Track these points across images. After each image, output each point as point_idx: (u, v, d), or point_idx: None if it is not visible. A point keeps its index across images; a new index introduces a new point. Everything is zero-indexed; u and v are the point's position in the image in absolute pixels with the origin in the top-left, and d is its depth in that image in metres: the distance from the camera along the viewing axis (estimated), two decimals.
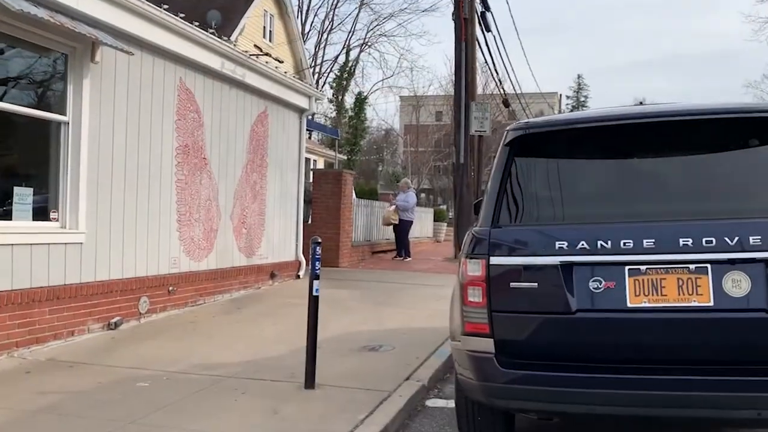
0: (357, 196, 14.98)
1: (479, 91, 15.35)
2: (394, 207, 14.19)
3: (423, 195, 42.82)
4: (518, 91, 21.70)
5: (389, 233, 16.11)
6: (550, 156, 3.35)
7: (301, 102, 10.24)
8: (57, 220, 5.81)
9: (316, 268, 4.46)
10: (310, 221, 12.65)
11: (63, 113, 5.84)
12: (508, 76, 36.95)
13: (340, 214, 12.09)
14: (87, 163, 5.98)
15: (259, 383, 4.64)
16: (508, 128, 3.47)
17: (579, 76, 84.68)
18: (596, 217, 3.14)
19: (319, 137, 35.39)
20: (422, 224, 19.84)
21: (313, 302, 4.50)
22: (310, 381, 4.48)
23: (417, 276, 11.37)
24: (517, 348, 3.01)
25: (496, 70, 16.63)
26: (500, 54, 41.82)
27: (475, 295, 3.02)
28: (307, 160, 22.98)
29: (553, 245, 2.96)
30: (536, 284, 2.96)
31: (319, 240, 4.55)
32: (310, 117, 12.02)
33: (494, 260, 2.99)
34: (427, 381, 4.80)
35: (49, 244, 5.59)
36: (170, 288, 7.20)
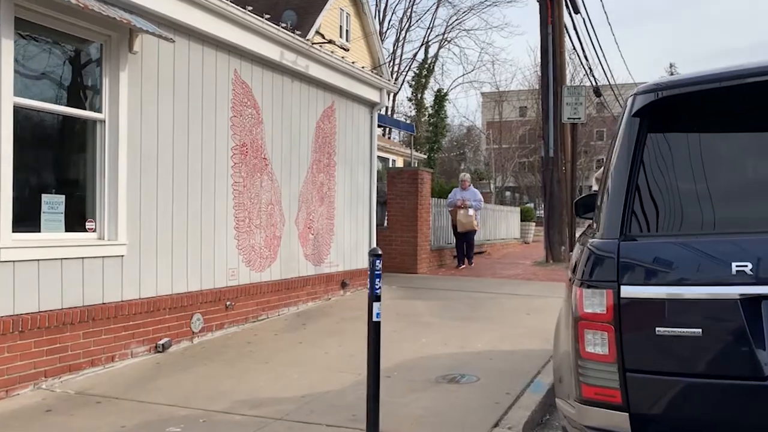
0: (438, 196, 14.00)
1: (567, 81, 14.02)
2: (471, 210, 12.31)
3: (508, 193, 41.28)
4: (610, 81, 20.08)
5: (475, 235, 15.03)
6: (703, 129, 2.28)
7: (371, 95, 9.38)
8: (94, 231, 5.18)
9: (376, 286, 3.55)
10: (385, 224, 11.81)
11: (98, 110, 5.21)
12: (600, 63, 34.78)
13: (417, 216, 11.17)
14: (127, 165, 5.32)
15: (312, 429, 3.76)
16: (633, 92, 2.41)
17: (671, 65, 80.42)
18: None
19: (400, 137, 34.67)
20: (508, 224, 18.61)
21: (374, 330, 3.57)
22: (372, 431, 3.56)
23: (504, 284, 10.26)
24: (668, 430, 1.99)
25: (585, 56, 15.24)
26: (590, 38, 39.59)
27: (597, 344, 2.02)
28: (385, 159, 22.24)
29: (727, 268, 1.94)
30: (700, 330, 1.95)
31: (379, 252, 3.64)
32: (385, 112, 11.26)
33: (628, 291, 1.99)
34: (522, 429, 3.78)
35: (83, 258, 4.95)
36: (228, 303, 6.49)
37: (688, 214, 2.15)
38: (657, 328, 1.97)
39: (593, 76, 17.29)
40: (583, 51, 15.66)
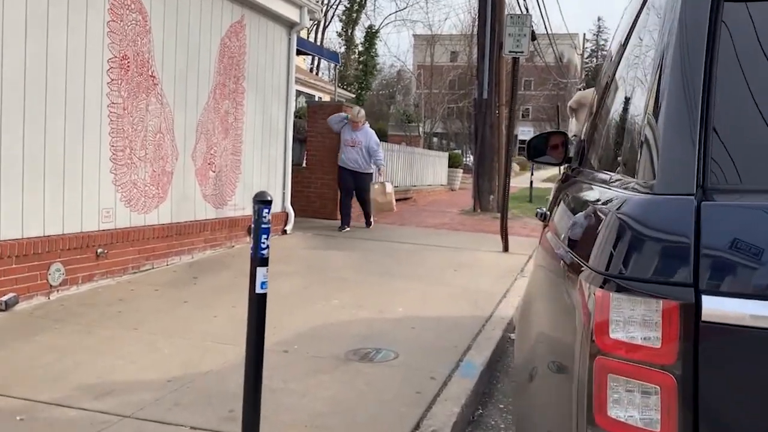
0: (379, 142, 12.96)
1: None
2: (389, 185, 9.44)
3: (435, 139, 40.58)
4: (545, 26, 19.36)
5: (400, 179, 14.16)
6: None
7: (290, 12, 8.12)
8: None
9: (262, 245, 2.54)
10: (304, 164, 10.72)
11: None
12: (539, 6, 34.01)
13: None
14: None
15: None
16: None
17: (599, 19, 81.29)
18: None
19: (329, 75, 33.07)
20: (435, 170, 17.84)
21: (256, 307, 2.57)
22: None
23: (429, 234, 9.46)
24: None
25: None
26: None
27: (637, 407, 1.05)
28: (310, 96, 20.90)
29: None
30: None
31: (268, 198, 2.62)
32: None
33: (718, 306, 1.02)
34: (450, 430, 2.93)
35: None
36: (99, 250, 5.33)
37: None
38: None
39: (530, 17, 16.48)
40: None
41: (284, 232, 8.41)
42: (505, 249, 8.00)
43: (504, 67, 12.42)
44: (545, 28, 19.30)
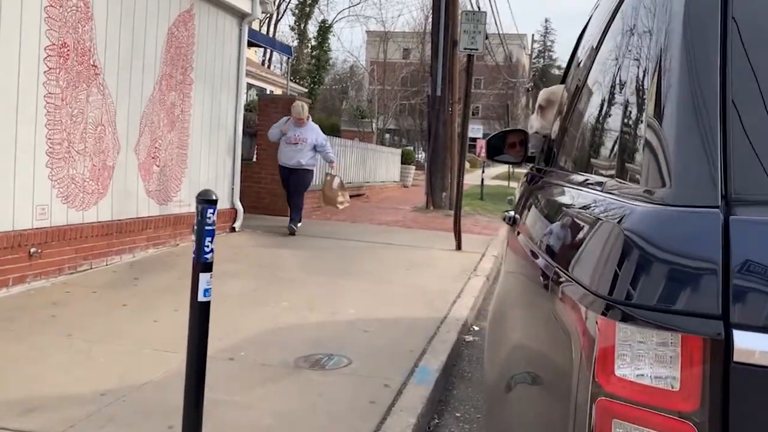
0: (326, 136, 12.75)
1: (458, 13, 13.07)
2: (337, 178, 8.83)
3: (388, 135, 40.52)
4: (497, 26, 19.48)
5: (353, 175, 13.99)
6: None
7: (241, 3, 7.85)
8: None
9: (206, 248, 2.34)
10: (254, 159, 10.45)
11: None
12: (490, 5, 34.29)
13: None
14: None
15: None
16: None
17: (546, 20, 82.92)
18: None
19: (281, 68, 32.56)
20: (388, 166, 17.74)
21: (199, 316, 2.38)
22: None
23: (382, 231, 9.33)
24: None
25: None
26: None
27: None
28: (262, 89, 20.51)
29: None
30: None
31: (213, 197, 2.42)
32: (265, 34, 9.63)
33: (753, 343, 0.84)
34: None
35: None
36: (33, 249, 5.01)
37: None
38: None
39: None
40: None
41: (233, 229, 8.15)
42: (458, 247, 7.93)
43: (457, 64, 12.39)
44: (496, 27, 19.42)
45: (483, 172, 17.12)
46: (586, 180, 1.40)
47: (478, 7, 15.20)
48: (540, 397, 1.26)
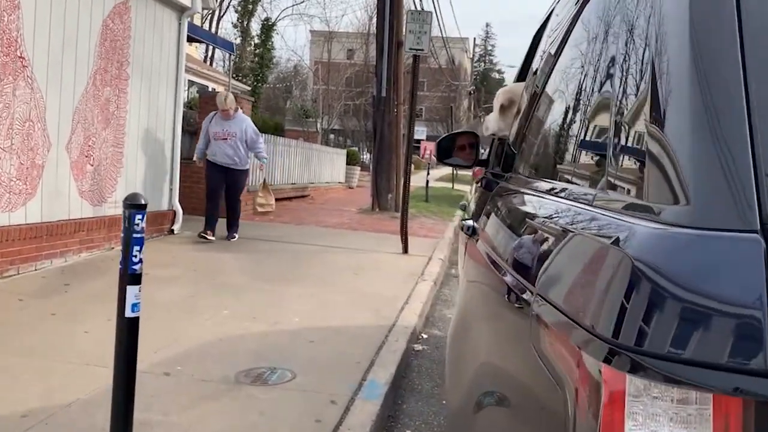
0: (260, 131, 12.46)
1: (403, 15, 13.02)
2: (260, 168, 8.29)
3: (332, 135, 40.27)
4: (440, 28, 19.56)
5: (297, 176, 13.75)
6: None
7: None
8: None
9: (134, 258, 2.15)
10: (195, 158, 10.07)
11: None
12: (434, 6, 34.37)
13: None
14: None
15: None
16: None
17: (487, 25, 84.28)
18: None
19: (224, 66, 31.84)
20: (333, 167, 17.55)
21: (127, 333, 2.17)
22: None
23: (328, 234, 9.16)
24: None
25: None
26: None
27: None
28: (202, 87, 19.97)
29: None
30: None
31: (142, 202, 2.22)
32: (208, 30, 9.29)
33: None
34: None
35: None
36: None
37: None
38: None
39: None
40: None
41: (171, 231, 7.83)
42: (405, 250, 7.85)
43: (402, 65, 12.33)
44: (440, 30, 19.49)
45: (428, 174, 17.14)
46: (567, 190, 1.23)
47: (422, 8, 15.18)
48: (509, 410, 1.14)
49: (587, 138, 1.24)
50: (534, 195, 1.42)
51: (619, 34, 1.15)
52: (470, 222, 1.98)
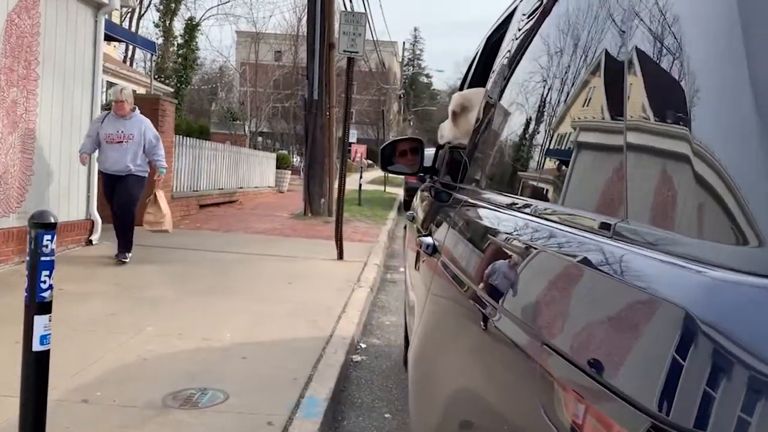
0: (185, 134, 12.00)
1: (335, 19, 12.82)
2: (158, 178, 6.77)
3: (260, 138, 39.59)
4: (371, 31, 19.48)
5: (225, 181, 13.32)
6: None
7: None
8: None
9: (43, 285, 1.87)
10: None
11: None
12: (365, 8, 34.29)
13: None
14: None
15: None
16: None
17: (416, 29, 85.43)
18: None
19: (146, 67, 30.71)
20: (263, 171, 17.14)
21: (34, 370, 1.88)
22: None
23: (259, 241, 8.84)
24: None
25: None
26: None
27: None
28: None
29: None
30: None
31: (51, 221, 1.94)
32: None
33: None
34: None
35: None
36: None
37: None
38: None
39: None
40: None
41: (89, 242, 7.35)
42: (340, 256, 7.64)
43: (334, 67, 12.13)
44: (371, 33, 19.41)
45: (361, 177, 16.99)
46: (569, 214, 0.96)
47: (352, 7, 15.03)
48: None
49: (586, 151, 1.02)
50: (513, 215, 1.19)
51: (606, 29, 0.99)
52: (429, 240, 1.76)
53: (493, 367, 1.02)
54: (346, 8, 14.57)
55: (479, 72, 2.45)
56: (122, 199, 6.46)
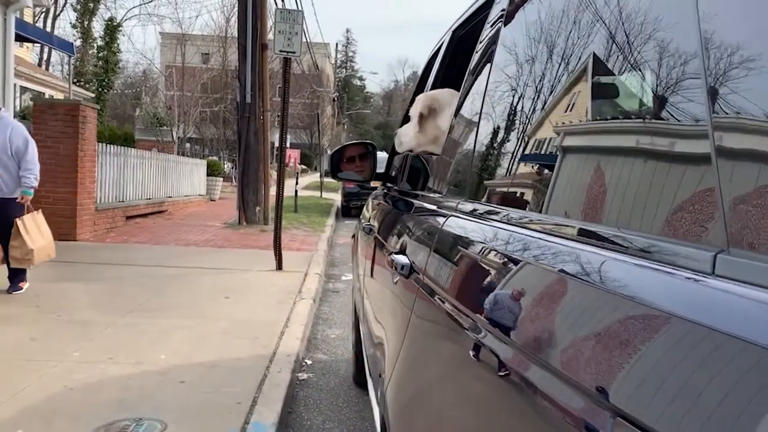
0: (108, 141, 11.42)
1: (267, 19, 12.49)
2: (23, 199, 5.41)
3: (188, 145, 38.52)
4: (304, 32, 19.22)
5: (153, 190, 12.77)
6: None
7: None
8: None
9: None
10: None
11: None
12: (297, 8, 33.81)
13: (77, 166, 8.65)
14: None
15: None
16: None
17: (348, 30, 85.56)
18: None
19: (64, 71, 29.29)
20: (193, 179, 16.57)
21: None
22: None
23: (192, 253, 8.46)
24: None
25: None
26: None
27: None
28: (38, 93, 18.16)
29: None
30: None
31: None
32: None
33: None
34: None
35: None
36: None
37: None
38: None
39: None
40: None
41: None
42: (279, 267, 7.38)
43: (267, 69, 11.81)
44: (304, 34, 19.15)
45: (297, 183, 16.66)
46: (593, 232, 0.80)
47: (284, 6, 14.74)
48: None
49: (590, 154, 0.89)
50: (487, 225, 1.08)
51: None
52: (404, 259, 1.57)
53: (495, 400, 0.87)
54: (277, 6, 14.27)
55: (446, 70, 2.29)
56: (3, 227, 5.38)
